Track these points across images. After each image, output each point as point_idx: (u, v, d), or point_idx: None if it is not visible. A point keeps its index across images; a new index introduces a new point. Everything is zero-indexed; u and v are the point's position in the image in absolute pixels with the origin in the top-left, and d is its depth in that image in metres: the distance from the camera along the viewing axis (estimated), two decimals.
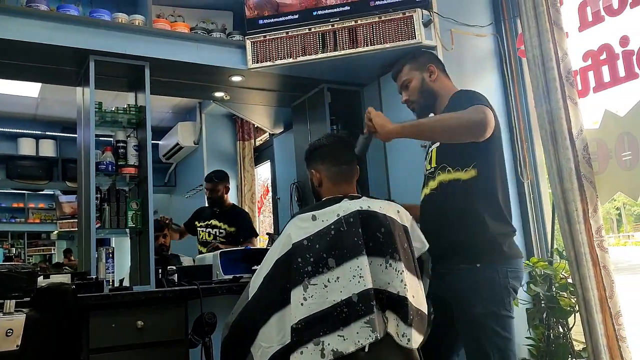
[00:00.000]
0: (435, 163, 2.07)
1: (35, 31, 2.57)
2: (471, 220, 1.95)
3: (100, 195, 2.73)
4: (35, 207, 7.67)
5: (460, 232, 1.96)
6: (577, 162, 2.41)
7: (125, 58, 2.78)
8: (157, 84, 3.01)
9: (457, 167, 1.98)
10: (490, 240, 1.93)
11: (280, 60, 2.94)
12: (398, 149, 3.14)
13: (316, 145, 1.96)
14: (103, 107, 2.82)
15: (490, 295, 1.89)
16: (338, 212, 1.70)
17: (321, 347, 1.56)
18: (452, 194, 1.99)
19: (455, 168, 1.99)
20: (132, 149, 2.83)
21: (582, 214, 2.36)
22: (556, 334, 2.52)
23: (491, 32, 3.11)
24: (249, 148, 5.38)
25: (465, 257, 1.94)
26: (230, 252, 2.92)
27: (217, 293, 2.44)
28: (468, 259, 1.93)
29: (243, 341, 1.71)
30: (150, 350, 2.21)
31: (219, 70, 3.04)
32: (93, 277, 2.45)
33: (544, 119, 2.49)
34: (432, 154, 2.10)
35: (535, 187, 2.98)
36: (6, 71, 2.93)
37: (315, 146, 1.96)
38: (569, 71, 2.49)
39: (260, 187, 5.55)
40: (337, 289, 1.61)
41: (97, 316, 2.14)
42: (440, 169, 2.03)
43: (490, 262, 1.92)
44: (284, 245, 1.71)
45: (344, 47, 2.88)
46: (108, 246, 2.63)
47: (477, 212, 1.94)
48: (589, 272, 2.31)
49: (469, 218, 1.95)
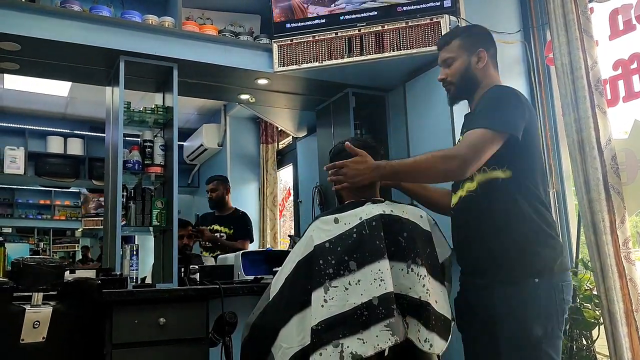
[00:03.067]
0: None
1: (68, 31, 2.63)
2: (522, 223, 1.75)
3: (126, 194, 2.78)
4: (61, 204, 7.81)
5: (511, 239, 1.75)
6: (604, 172, 2.38)
7: (154, 59, 2.83)
8: (185, 85, 3.05)
9: (492, 167, 1.79)
10: (547, 249, 1.74)
11: (306, 64, 2.96)
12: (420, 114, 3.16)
13: (340, 148, 1.95)
14: (131, 107, 2.87)
15: (548, 315, 1.68)
16: (360, 216, 1.71)
17: (340, 349, 1.56)
18: (494, 192, 1.79)
19: (491, 167, 1.79)
20: (158, 149, 2.88)
21: (609, 225, 2.33)
22: (580, 346, 2.48)
23: (519, 40, 3.08)
24: (272, 151, 5.41)
25: (520, 269, 1.73)
26: (252, 253, 2.95)
27: (239, 293, 2.45)
28: (524, 271, 1.72)
29: (263, 341, 1.72)
30: (171, 348, 2.24)
31: (245, 72, 3.07)
32: (117, 273, 2.49)
33: (572, 127, 2.46)
34: None
35: (561, 196, 2.94)
36: (39, 70, 3.00)
37: (339, 149, 1.95)
38: (598, 80, 2.45)
39: (282, 190, 5.57)
40: (357, 292, 1.61)
41: (121, 312, 2.17)
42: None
43: (549, 276, 1.71)
44: (305, 247, 1.71)
45: (370, 52, 2.88)
46: (133, 244, 2.67)
47: (525, 214, 1.75)
48: (614, 284, 2.27)
49: (519, 221, 1.75)
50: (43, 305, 1.79)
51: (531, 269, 1.72)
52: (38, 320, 1.76)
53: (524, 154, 1.79)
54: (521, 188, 1.77)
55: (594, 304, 2.48)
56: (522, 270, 1.72)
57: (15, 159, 5.67)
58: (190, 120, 6.09)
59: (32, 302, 1.78)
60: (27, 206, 7.58)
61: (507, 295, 1.72)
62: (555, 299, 1.70)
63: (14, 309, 1.74)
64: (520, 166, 1.79)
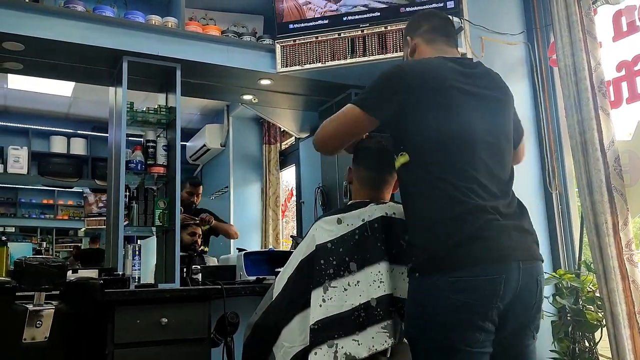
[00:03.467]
0: None
1: (72, 31, 2.64)
2: (408, 212, 1.58)
3: (129, 194, 2.78)
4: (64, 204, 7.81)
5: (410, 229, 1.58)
6: (607, 174, 2.37)
7: (157, 59, 2.83)
8: (188, 85, 3.05)
9: (398, 152, 1.62)
10: (432, 241, 1.46)
11: (309, 64, 2.96)
12: None
13: (361, 145, 1.90)
14: (134, 107, 2.88)
15: (425, 314, 1.44)
16: (363, 217, 1.71)
17: (335, 349, 1.57)
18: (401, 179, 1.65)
19: (398, 153, 1.62)
20: (161, 149, 2.88)
21: (612, 227, 2.32)
22: (582, 348, 2.47)
23: (522, 41, 3.08)
24: (275, 152, 5.41)
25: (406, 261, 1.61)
26: (254, 253, 2.95)
27: (241, 293, 2.46)
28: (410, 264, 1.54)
29: (265, 341, 1.72)
30: (173, 347, 2.24)
31: (248, 73, 3.07)
32: (120, 273, 2.50)
33: (575, 129, 2.46)
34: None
35: (563, 198, 2.93)
36: (42, 70, 3.00)
37: (360, 147, 1.91)
38: (601, 81, 2.45)
39: (284, 191, 5.58)
40: (356, 293, 1.61)
41: (123, 312, 2.18)
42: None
43: (428, 271, 1.45)
44: (308, 247, 1.72)
45: (373, 52, 2.88)
46: (135, 244, 2.67)
47: (413, 203, 1.56)
48: (617, 286, 2.26)
49: (407, 210, 1.59)
50: (45, 304, 1.79)
51: (414, 261, 1.51)
52: (40, 320, 1.77)
53: (414, 135, 1.57)
54: (419, 172, 1.54)
55: (596, 306, 2.47)
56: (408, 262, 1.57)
57: (18, 158, 5.68)
58: (193, 120, 6.10)
59: (34, 302, 1.78)
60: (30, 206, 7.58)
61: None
62: (436, 297, 1.41)
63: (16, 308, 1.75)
64: (414, 149, 1.56)
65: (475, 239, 1.41)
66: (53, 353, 1.79)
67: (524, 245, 1.48)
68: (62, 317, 1.81)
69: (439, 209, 1.47)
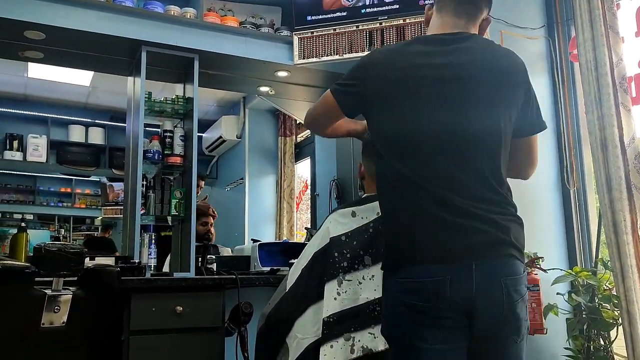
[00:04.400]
0: None
1: (92, 21, 2.66)
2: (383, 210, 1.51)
3: (145, 183, 2.81)
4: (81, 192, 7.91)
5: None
6: (627, 171, 2.34)
7: (175, 50, 2.85)
8: (205, 76, 3.07)
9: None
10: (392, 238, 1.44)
11: (327, 56, 2.96)
12: None
13: (368, 140, 1.93)
14: (152, 97, 2.90)
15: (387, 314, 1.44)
16: (378, 210, 1.70)
17: (351, 342, 1.57)
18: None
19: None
20: (178, 139, 2.90)
21: (630, 225, 2.29)
22: (597, 346, 2.45)
23: (543, 35, 3.04)
24: (290, 144, 5.42)
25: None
26: (268, 244, 2.97)
27: (255, 284, 2.47)
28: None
29: (279, 331, 1.73)
30: (187, 336, 2.27)
31: (265, 64, 3.08)
32: (136, 261, 2.52)
33: (595, 125, 2.43)
34: None
35: (581, 195, 2.90)
36: (62, 59, 3.04)
37: (367, 142, 1.93)
38: (623, 77, 2.41)
39: (299, 183, 5.58)
40: (371, 287, 1.62)
41: (139, 299, 2.21)
42: None
43: (393, 270, 1.41)
44: (322, 239, 1.72)
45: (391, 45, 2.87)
46: (151, 232, 2.69)
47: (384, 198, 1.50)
48: (634, 284, 2.24)
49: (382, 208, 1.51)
50: (63, 290, 1.82)
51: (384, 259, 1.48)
52: (58, 305, 1.79)
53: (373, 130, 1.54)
54: (387, 166, 1.46)
55: (612, 304, 2.44)
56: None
57: (37, 147, 5.76)
58: (209, 111, 6.13)
59: (52, 287, 1.81)
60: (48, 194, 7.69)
61: None
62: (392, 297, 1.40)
63: (35, 293, 1.78)
64: (380, 142, 1.49)
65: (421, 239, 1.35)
66: (70, 338, 1.81)
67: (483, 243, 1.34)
68: (80, 303, 1.84)
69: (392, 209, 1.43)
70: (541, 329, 2.56)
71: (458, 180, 1.37)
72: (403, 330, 1.36)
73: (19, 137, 5.74)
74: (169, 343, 2.24)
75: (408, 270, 1.35)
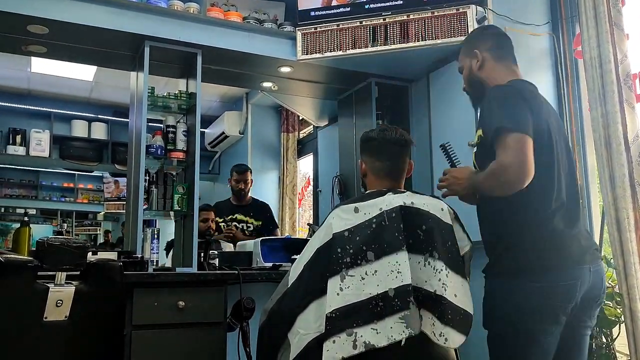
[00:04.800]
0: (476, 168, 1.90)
1: (95, 15, 2.66)
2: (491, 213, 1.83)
3: (148, 178, 2.81)
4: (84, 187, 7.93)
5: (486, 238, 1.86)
6: (631, 169, 2.33)
7: (179, 45, 2.85)
8: (208, 71, 3.07)
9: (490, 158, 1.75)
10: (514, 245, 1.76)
11: (330, 52, 2.95)
12: (443, 105, 3.13)
13: (368, 137, 1.92)
14: (155, 92, 2.90)
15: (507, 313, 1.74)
16: (381, 206, 1.70)
17: (354, 338, 1.57)
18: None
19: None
20: (181, 134, 2.90)
21: (634, 222, 2.29)
22: (599, 343, 2.44)
23: (547, 32, 3.03)
24: (293, 140, 5.42)
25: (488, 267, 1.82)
26: (271, 240, 2.97)
27: (257, 279, 2.48)
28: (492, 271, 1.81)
29: (281, 327, 1.73)
30: (189, 330, 2.27)
31: (268, 60, 3.07)
32: (139, 256, 2.53)
33: (599, 122, 2.42)
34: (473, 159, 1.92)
35: (585, 192, 2.89)
36: (65, 53, 3.04)
37: (367, 138, 1.92)
38: (627, 74, 2.40)
39: (301, 179, 5.58)
40: (374, 283, 1.61)
41: (141, 294, 2.21)
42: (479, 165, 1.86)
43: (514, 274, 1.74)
44: (325, 235, 1.72)
45: (395, 41, 2.86)
46: (154, 227, 2.70)
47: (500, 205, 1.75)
48: (637, 282, 2.23)
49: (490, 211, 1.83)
50: (66, 284, 1.82)
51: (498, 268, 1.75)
52: (61, 299, 1.79)
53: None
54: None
55: (615, 302, 2.44)
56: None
57: (40, 141, 5.77)
58: (212, 107, 6.13)
59: (55, 281, 1.81)
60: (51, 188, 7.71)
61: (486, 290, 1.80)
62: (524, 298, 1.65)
63: (38, 287, 1.78)
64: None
65: (552, 248, 1.66)
66: (73, 332, 1.82)
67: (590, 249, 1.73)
68: (82, 297, 1.84)
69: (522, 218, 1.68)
70: None
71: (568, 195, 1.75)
72: (529, 325, 1.64)
73: (21, 131, 5.75)
74: (171, 338, 2.24)
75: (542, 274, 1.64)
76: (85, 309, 1.84)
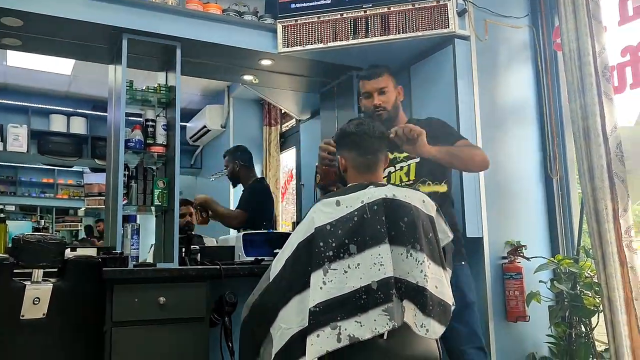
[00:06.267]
0: (415, 176, 2.35)
1: (71, 7, 2.60)
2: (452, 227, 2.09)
3: (128, 173, 2.77)
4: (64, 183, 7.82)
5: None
6: (609, 160, 2.36)
7: (157, 37, 2.80)
8: (188, 64, 3.02)
9: (435, 182, 2.32)
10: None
11: (311, 45, 2.93)
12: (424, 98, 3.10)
13: (345, 132, 1.95)
14: (134, 86, 2.85)
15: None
16: (362, 199, 1.70)
17: (338, 331, 1.57)
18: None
19: (434, 182, 2.32)
20: (160, 128, 2.86)
21: (612, 213, 2.31)
22: (578, 333, 2.48)
23: (527, 24, 3.05)
24: (275, 133, 5.39)
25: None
26: (252, 234, 2.95)
27: (239, 274, 2.46)
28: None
29: (263, 322, 1.72)
30: (171, 327, 2.25)
31: (249, 53, 3.04)
32: (118, 252, 2.49)
33: (577, 114, 2.44)
34: (410, 168, 2.36)
35: (564, 183, 2.92)
36: (41, 46, 2.97)
37: (344, 133, 1.95)
38: (605, 66, 2.42)
39: (284, 173, 5.56)
40: (357, 276, 1.61)
41: (121, 290, 2.18)
42: (421, 182, 2.33)
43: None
44: (306, 229, 1.71)
45: (376, 34, 2.85)
46: (134, 222, 2.66)
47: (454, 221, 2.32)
48: (615, 272, 2.26)
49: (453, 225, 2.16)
50: (43, 282, 1.80)
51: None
52: (38, 297, 1.77)
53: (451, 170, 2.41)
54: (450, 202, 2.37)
55: (594, 292, 2.48)
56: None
57: (18, 136, 5.67)
58: (193, 101, 6.07)
59: (32, 279, 1.78)
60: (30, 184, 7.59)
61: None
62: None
63: (14, 285, 1.75)
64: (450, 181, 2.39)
65: None
66: (51, 329, 1.79)
67: None
68: (60, 294, 1.82)
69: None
70: (524, 317, 2.59)
71: None
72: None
73: None
74: (152, 334, 2.22)
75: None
76: (63, 307, 1.82)
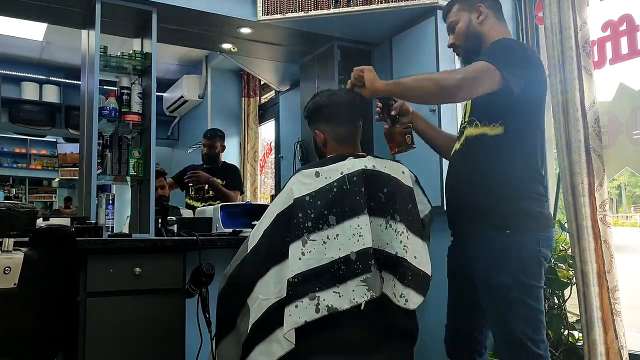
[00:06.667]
0: (468, 117, 1.92)
1: None
2: (499, 181, 1.81)
3: (102, 142, 2.70)
4: (37, 153, 7.65)
5: (487, 194, 1.81)
6: (587, 135, 2.37)
7: (132, 2, 2.71)
8: (165, 31, 2.94)
9: (484, 122, 1.84)
10: (522, 205, 1.78)
11: (291, 13, 2.87)
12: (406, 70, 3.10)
13: (319, 104, 1.90)
14: (108, 52, 2.76)
15: (520, 265, 1.74)
16: (342, 170, 1.69)
17: (316, 302, 1.56)
18: (478, 150, 1.85)
19: (482, 122, 1.84)
20: (136, 97, 2.79)
21: (588, 187, 2.34)
22: (551, 304, 2.52)
23: None
24: (254, 105, 5.33)
25: (491, 223, 1.79)
26: (231, 206, 2.93)
27: (216, 245, 2.44)
28: (495, 225, 1.78)
29: (240, 293, 1.71)
30: (146, 297, 2.23)
31: (227, 20, 2.97)
32: (93, 222, 2.45)
33: (557, 88, 2.44)
34: (467, 106, 1.97)
35: None
36: (10, 8, 2.86)
37: (318, 105, 1.90)
38: (586, 41, 2.42)
39: (263, 146, 5.52)
40: (335, 246, 1.61)
41: (95, 260, 2.15)
42: (469, 122, 1.90)
43: (523, 229, 1.77)
44: (285, 200, 1.69)
45: (358, 3, 2.80)
46: (109, 192, 2.61)
47: (506, 173, 1.80)
48: (589, 245, 2.30)
49: (496, 179, 1.81)
50: (14, 251, 1.75)
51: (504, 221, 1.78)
52: (9, 266, 1.72)
53: (520, 113, 1.81)
54: (508, 150, 1.81)
55: (567, 265, 2.52)
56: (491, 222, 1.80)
57: None
58: (170, 70, 5.95)
59: (2, 248, 1.73)
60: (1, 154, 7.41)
61: (479, 246, 1.82)
62: (528, 250, 1.76)
63: None
64: (515, 126, 1.81)
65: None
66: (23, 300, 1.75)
67: None
68: (32, 264, 1.77)
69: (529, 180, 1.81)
70: None
71: None
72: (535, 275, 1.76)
73: None
74: (128, 305, 2.20)
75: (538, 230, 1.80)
76: (35, 277, 1.78)
